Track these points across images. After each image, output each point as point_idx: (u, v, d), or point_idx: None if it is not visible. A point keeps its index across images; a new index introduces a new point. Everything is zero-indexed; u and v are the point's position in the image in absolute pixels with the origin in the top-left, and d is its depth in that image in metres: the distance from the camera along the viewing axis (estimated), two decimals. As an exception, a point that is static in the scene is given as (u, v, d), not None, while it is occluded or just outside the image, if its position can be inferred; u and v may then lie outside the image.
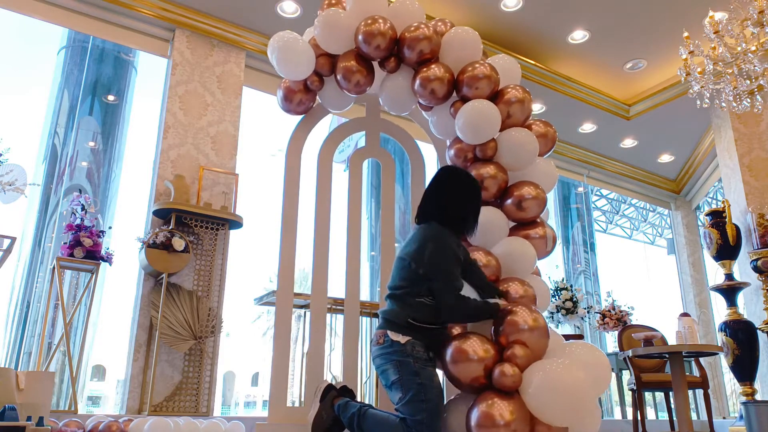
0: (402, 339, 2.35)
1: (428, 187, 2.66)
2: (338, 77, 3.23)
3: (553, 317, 6.79)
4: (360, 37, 3.09)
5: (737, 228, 6.28)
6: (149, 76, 6.14)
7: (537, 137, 3.06)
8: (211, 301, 5.16)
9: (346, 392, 2.72)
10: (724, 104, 4.96)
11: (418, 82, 3.09)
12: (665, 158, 8.81)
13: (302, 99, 3.38)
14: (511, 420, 2.00)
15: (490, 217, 2.92)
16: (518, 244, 2.88)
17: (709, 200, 9.16)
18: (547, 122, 3.25)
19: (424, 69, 3.08)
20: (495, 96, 3.09)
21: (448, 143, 3.34)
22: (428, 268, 2.39)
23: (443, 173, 2.66)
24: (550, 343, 2.35)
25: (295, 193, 3.38)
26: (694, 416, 6.67)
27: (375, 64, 3.28)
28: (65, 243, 4.64)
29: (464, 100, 3.06)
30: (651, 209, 10.22)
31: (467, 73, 3.05)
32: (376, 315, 5.17)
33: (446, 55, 3.15)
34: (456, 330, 2.59)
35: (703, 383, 4.82)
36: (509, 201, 2.97)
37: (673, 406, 5.06)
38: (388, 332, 2.39)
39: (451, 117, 3.13)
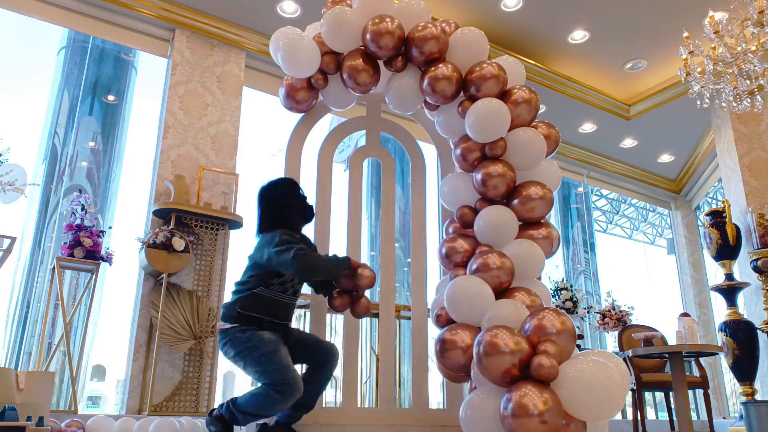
0: (227, 326, 2.70)
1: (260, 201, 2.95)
2: (344, 76, 3.23)
3: (553, 317, 6.78)
4: (368, 36, 3.09)
5: (737, 228, 6.27)
6: (149, 76, 6.14)
7: (541, 138, 3.07)
8: (211, 301, 5.16)
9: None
10: (724, 104, 4.96)
11: (426, 81, 3.10)
12: (665, 158, 8.81)
13: (305, 97, 3.38)
14: (545, 410, 2.02)
15: (501, 215, 2.92)
16: (527, 247, 2.88)
17: (709, 200, 9.16)
18: (551, 124, 3.26)
19: (432, 68, 3.09)
20: (502, 96, 3.09)
21: (451, 143, 3.34)
22: (267, 261, 2.70)
23: (258, 194, 2.97)
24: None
25: (295, 193, 3.38)
26: (694, 416, 6.67)
27: (380, 63, 3.28)
28: (65, 243, 4.64)
29: (472, 99, 3.06)
30: (651, 209, 10.22)
31: (475, 72, 3.06)
32: (376, 315, 5.18)
33: (453, 54, 3.16)
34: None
35: (703, 383, 4.82)
36: (516, 201, 2.97)
37: (673, 406, 5.06)
38: (219, 323, 2.75)
39: (459, 116, 3.14)
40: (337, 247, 3.54)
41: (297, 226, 2.96)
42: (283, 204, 2.94)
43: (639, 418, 4.84)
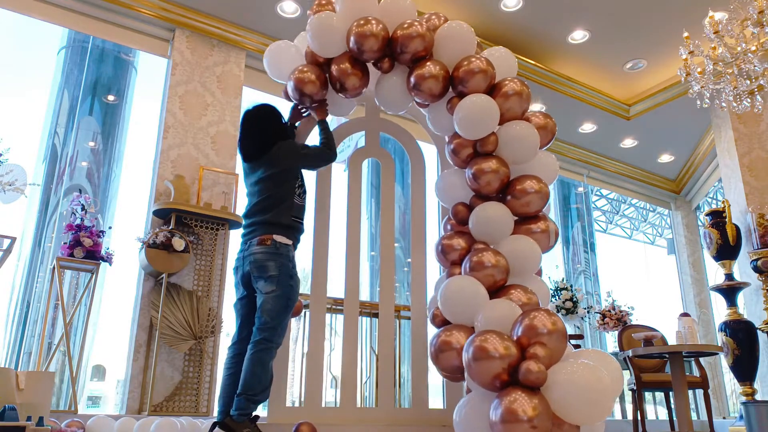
0: (283, 239, 2.89)
1: (249, 129, 3.09)
2: (334, 81, 3.21)
3: (553, 317, 6.78)
4: (352, 39, 3.06)
5: (737, 228, 6.27)
6: (149, 76, 6.14)
7: (537, 129, 3.03)
8: (211, 301, 5.16)
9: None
10: (724, 104, 4.96)
11: (413, 80, 3.07)
12: (665, 158, 8.81)
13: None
14: (534, 416, 2.02)
15: (495, 212, 2.90)
16: (524, 243, 2.86)
17: (709, 200, 9.16)
18: (547, 114, 3.21)
19: (419, 67, 3.05)
20: (492, 90, 3.06)
21: (446, 139, 3.33)
22: (304, 162, 3.13)
23: (255, 115, 3.10)
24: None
25: (295, 193, 3.38)
26: (694, 416, 6.67)
27: (369, 64, 3.27)
28: (65, 243, 4.64)
29: (461, 95, 3.03)
30: (651, 209, 10.22)
31: (462, 68, 3.01)
32: (375, 315, 5.17)
33: (440, 51, 3.12)
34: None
35: (703, 383, 4.82)
36: (511, 196, 2.94)
37: (673, 406, 5.06)
38: (274, 236, 2.88)
39: (448, 113, 3.11)
40: (337, 247, 3.54)
41: None
42: (282, 125, 3.18)
43: (639, 417, 4.84)
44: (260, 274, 2.83)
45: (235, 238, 5.56)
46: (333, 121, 6.23)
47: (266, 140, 3.03)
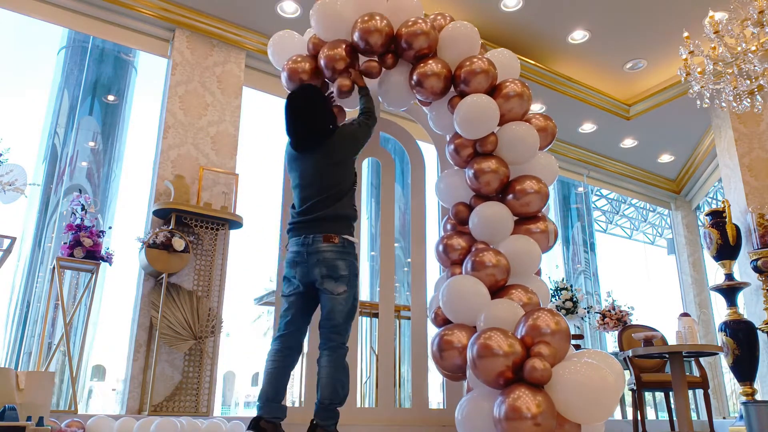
0: (352, 239, 2.85)
1: (301, 112, 2.92)
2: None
3: (553, 317, 6.77)
4: (356, 34, 3.07)
5: (737, 228, 6.27)
6: (149, 76, 6.14)
7: (537, 131, 3.04)
8: (211, 301, 5.16)
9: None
10: (724, 104, 4.96)
11: (415, 77, 3.08)
12: (665, 158, 8.81)
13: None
14: (538, 413, 2.02)
15: (495, 212, 2.91)
16: (523, 243, 2.86)
17: (709, 200, 9.16)
18: (547, 116, 3.23)
19: (422, 65, 3.06)
20: (493, 90, 3.07)
21: (448, 138, 3.33)
22: (362, 142, 3.00)
23: (307, 95, 2.95)
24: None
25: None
26: (694, 416, 6.67)
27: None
28: (65, 243, 4.63)
29: (462, 95, 3.04)
30: (651, 209, 10.22)
31: (465, 68, 3.03)
32: (375, 315, 5.17)
33: (444, 50, 3.14)
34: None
35: (703, 383, 4.82)
36: (511, 196, 2.95)
37: (673, 406, 5.06)
38: (344, 235, 2.81)
39: (449, 112, 3.12)
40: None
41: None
42: (329, 104, 3.08)
43: (639, 418, 4.84)
44: (330, 273, 2.74)
45: (236, 238, 5.57)
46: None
47: (322, 127, 2.92)
